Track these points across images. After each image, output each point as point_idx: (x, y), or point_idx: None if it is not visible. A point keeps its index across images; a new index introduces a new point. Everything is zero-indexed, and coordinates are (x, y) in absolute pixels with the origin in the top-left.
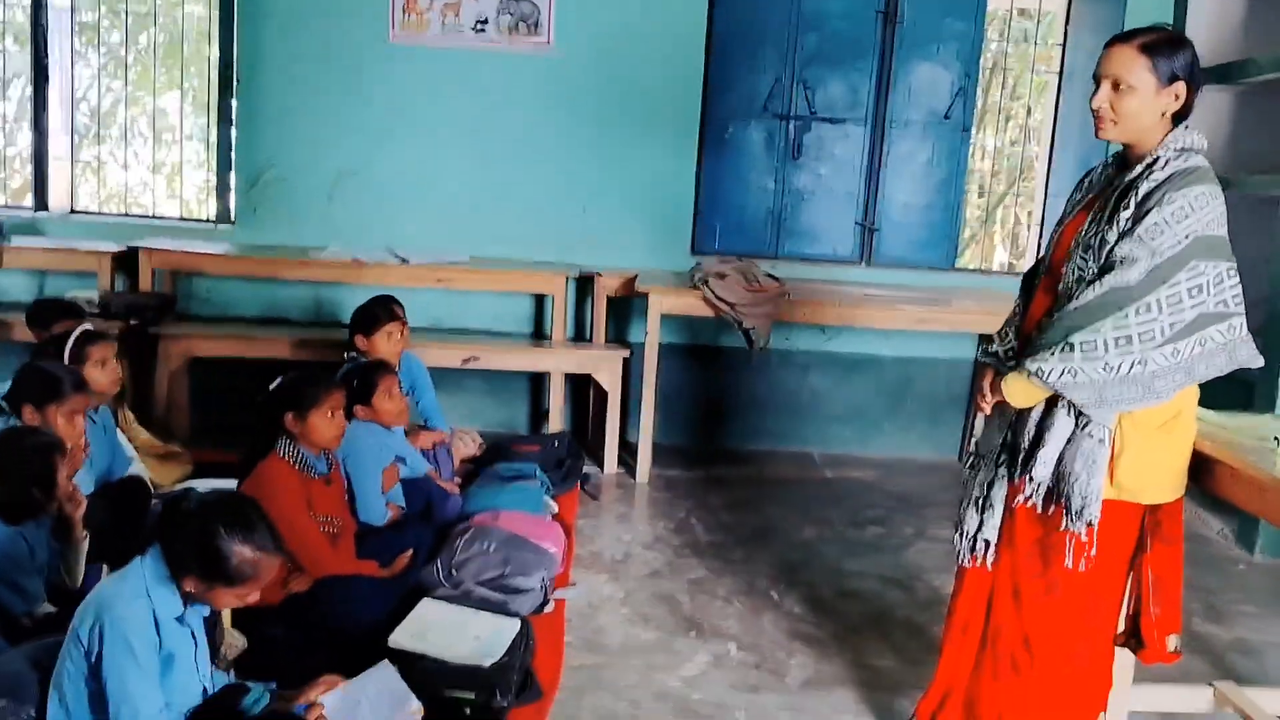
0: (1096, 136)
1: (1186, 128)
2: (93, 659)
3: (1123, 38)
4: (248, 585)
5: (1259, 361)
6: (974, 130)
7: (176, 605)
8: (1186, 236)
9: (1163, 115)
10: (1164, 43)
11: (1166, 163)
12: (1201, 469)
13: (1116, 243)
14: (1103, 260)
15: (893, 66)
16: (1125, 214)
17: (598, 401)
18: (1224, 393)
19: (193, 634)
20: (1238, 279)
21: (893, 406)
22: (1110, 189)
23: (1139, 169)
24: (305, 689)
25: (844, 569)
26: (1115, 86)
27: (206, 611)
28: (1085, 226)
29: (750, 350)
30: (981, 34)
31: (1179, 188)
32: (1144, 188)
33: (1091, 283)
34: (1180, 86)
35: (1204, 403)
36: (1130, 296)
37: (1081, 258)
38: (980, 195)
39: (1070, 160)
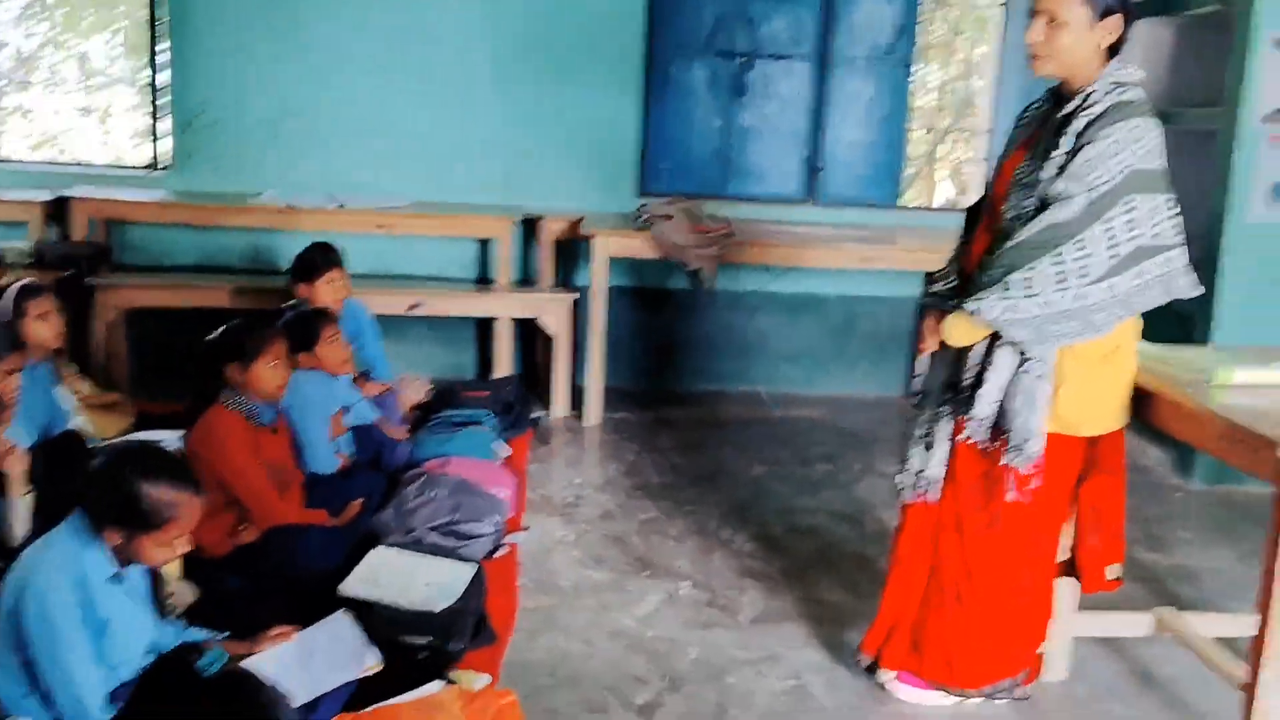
0: (1032, 72)
1: (1121, 61)
2: (19, 630)
3: None
4: (169, 529)
5: (1198, 290)
6: (916, 65)
7: (106, 566)
8: (1121, 171)
9: (1097, 48)
10: None
11: (1101, 96)
12: (1141, 401)
13: (1053, 180)
14: (1040, 197)
15: (835, 2)
16: (1061, 151)
17: (545, 346)
18: (1163, 325)
19: (131, 592)
20: (1177, 210)
21: (839, 345)
22: (1046, 125)
23: (1074, 104)
24: (257, 638)
25: (793, 506)
26: (1050, 21)
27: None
28: (1023, 164)
29: (697, 292)
30: None
31: (1113, 121)
32: (1078, 123)
33: (1029, 220)
34: (1115, 20)
35: (1144, 336)
36: (1067, 232)
37: (1019, 195)
38: (926, 131)
39: (1014, 95)
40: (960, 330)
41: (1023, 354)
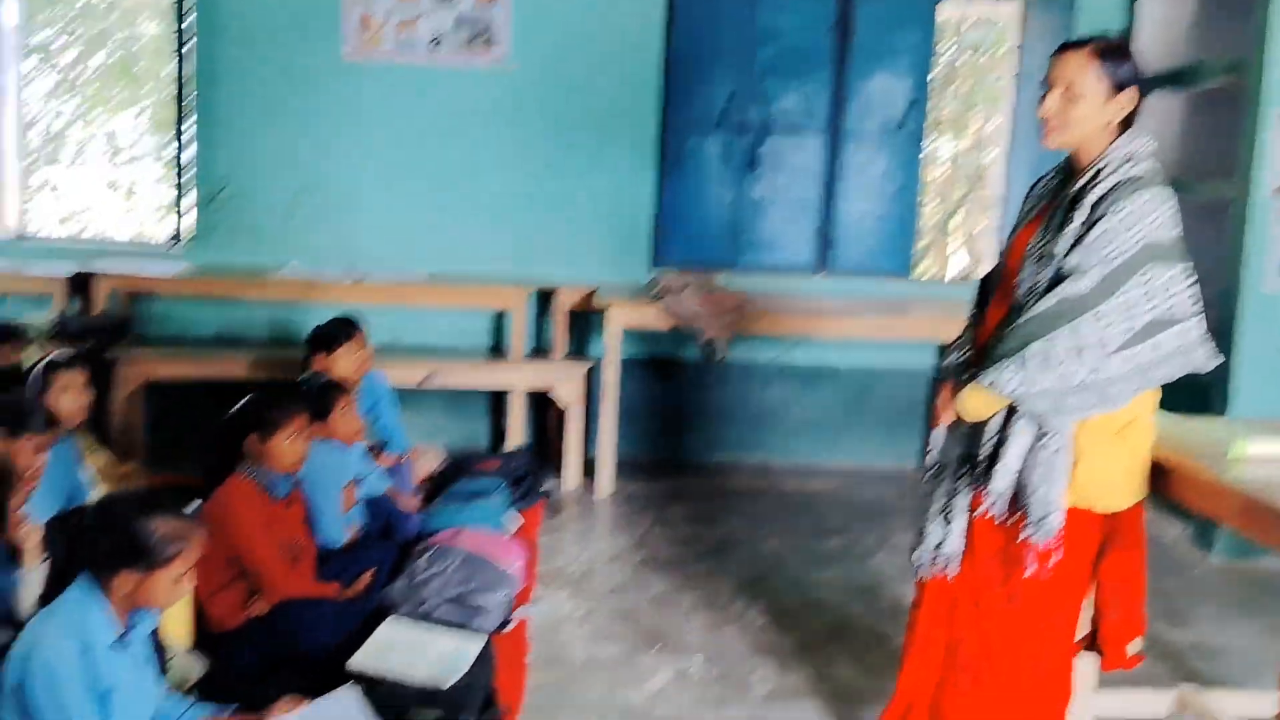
0: (1043, 143)
1: (1133, 134)
2: (24, 703)
3: (1073, 44)
4: (177, 562)
5: (1216, 361)
6: (928, 138)
7: (110, 630)
8: (1137, 243)
9: (1109, 123)
10: (1113, 49)
11: (1114, 169)
12: (1159, 475)
13: (1067, 253)
14: (1054, 271)
15: (847, 77)
16: (1075, 223)
17: (558, 417)
18: (1180, 397)
19: (135, 658)
20: (1193, 281)
21: (852, 416)
22: (1059, 198)
23: (1087, 177)
24: (265, 712)
25: (806, 580)
26: (1065, 92)
27: (152, 625)
28: (1036, 237)
29: (710, 362)
30: (932, 44)
31: (1128, 194)
32: (1092, 196)
33: (1044, 293)
34: (1130, 93)
35: (1161, 407)
36: (1083, 305)
37: (1034, 268)
38: (940, 202)
39: (1025, 166)
40: (976, 403)
41: (1041, 427)
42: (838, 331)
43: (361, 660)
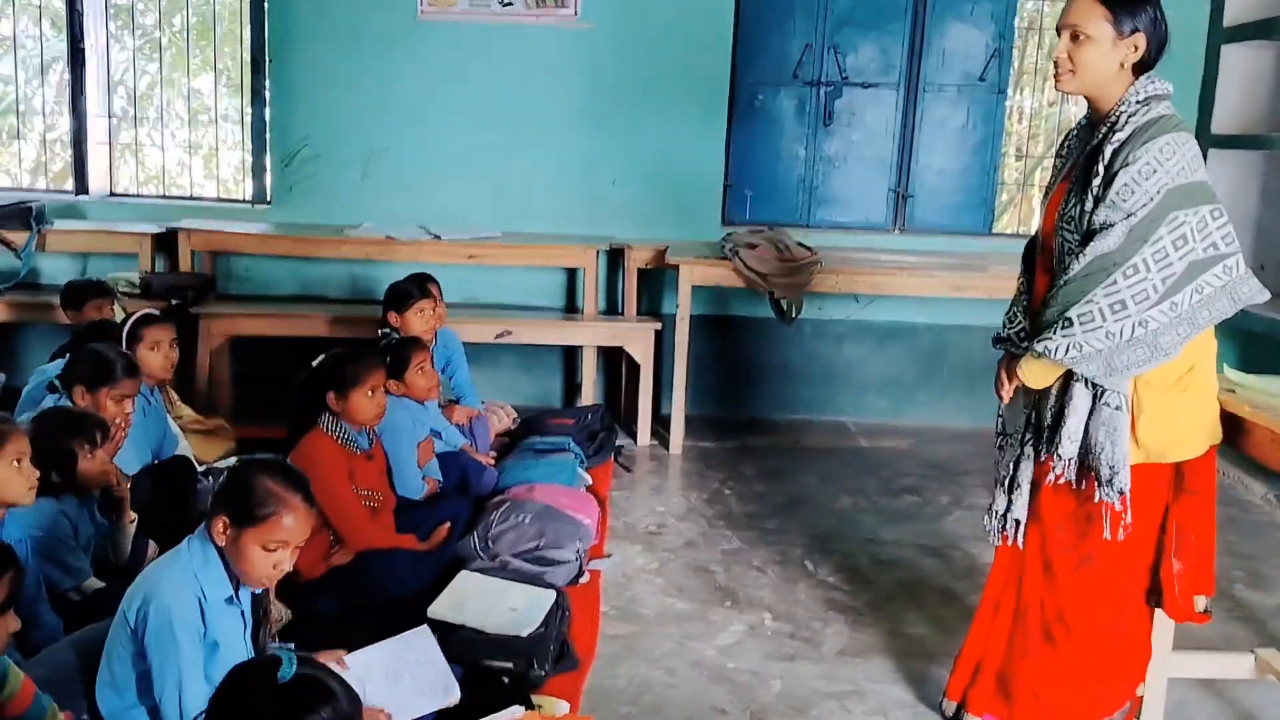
0: (1055, 88)
1: (1147, 78)
2: (139, 642)
3: None
4: (272, 525)
5: (1264, 296)
6: (1010, 92)
7: (225, 587)
8: (1159, 191)
9: (1121, 67)
10: None
11: (1128, 119)
12: (1240, 433)
13: (1093, 210)
14: (1084, 230)
15: (925, 29)
16: (1096, 180)
17: (630, 374)
18: (1261, 355)
19: (242, 614)
20: (1225, 219)
21: (927, 375)
22: (1082, 155)
23: (1103, 130)
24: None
25: (879, 538)
26: (1074, 37)
27: (258, 590)
28: (1065, 198)
29: (782, 320)
30: None
31: (1143, 143)
32: (1109, 149)
33: (1077, 254)
34: (1139, 38)
35: (1239, 365)
36: (1115, 261)
37: (1065, 230)
38: (1018, 159)
39: None
40: (1034, 372)
41: (1097, 386)
42: (913, 289)
43: (440, 608)
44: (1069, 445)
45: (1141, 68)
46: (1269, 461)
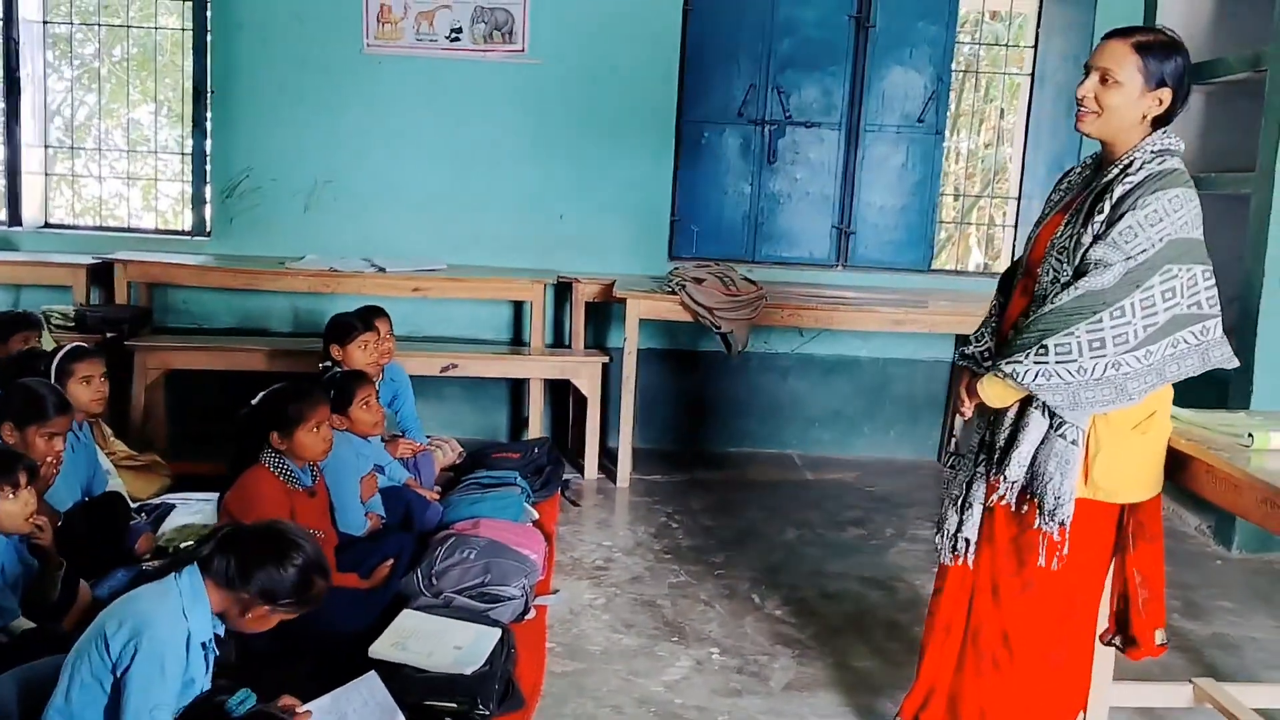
0: (1076, 128)
1: (1166, 131)
2: (119, 671)
3: (1121, 33)
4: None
5: (1233, 363)
6: (948, 133)
7: (208, 628)
8: (1160, 239)
9: (1144, 118)
10: (1158, 45)
11: (1142, 165)
12: (1178, 466)
13: (1091, 246)
14: (1077, 263)
15: (866, 72)
16: (1100, 217)
17: (577, 407)
18: (1199, 391)
19: (205, 655)
20: (1213, 281)
21: (871, 408)
22: (1086, 191)
23: (1114, 171)
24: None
25: (825, 571)
26: (1103, 79)
27: (221, 629)
28: (1061, 229)
29: (728, 354)
30: (953, 38)
31: (1153, 191)
32: (1118, 191)
33: (1066, 285)
34: (1165, 92)
35: (1180, 401)
36: (1104, 300)
37: (1057, 260)
38: (955, 198)
39: (1043, 161)
40: (995, 391)
41: (1055, 416)
42: (856, 323)
43: (380, 648)
44: (1016, 469)
45: (1160, 121)
46: (1204, 493)
